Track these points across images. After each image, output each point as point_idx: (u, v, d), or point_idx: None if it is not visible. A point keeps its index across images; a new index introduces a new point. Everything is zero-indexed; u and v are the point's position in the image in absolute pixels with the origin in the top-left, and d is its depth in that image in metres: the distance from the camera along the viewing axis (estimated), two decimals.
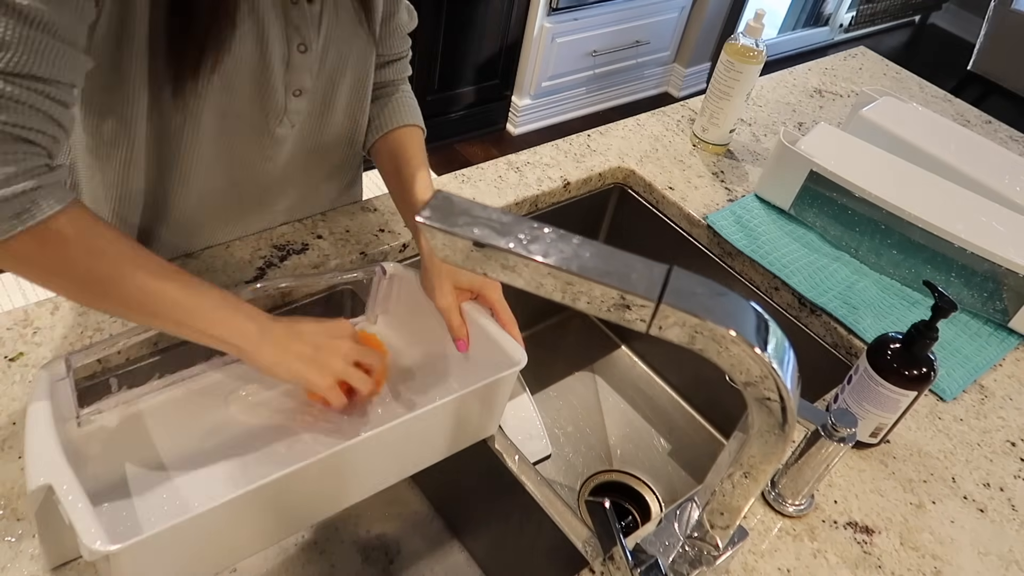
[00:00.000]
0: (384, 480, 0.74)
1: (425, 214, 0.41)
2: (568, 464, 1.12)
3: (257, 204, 0.90)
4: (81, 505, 0.54)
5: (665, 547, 0.66)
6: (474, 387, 0.71)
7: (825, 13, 4.12)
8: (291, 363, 0.68)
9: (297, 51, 0.76)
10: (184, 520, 0.55)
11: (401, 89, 0.94)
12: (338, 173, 0.96)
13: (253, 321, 0.67)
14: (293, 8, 0.74)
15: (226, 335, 0.65)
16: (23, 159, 0.57)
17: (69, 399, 0.68)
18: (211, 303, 0.65)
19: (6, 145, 0.56)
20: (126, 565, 0.55)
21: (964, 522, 0.81)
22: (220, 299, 0.66)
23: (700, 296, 0.40)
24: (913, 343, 0.78)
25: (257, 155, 0.83)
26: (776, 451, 0.49)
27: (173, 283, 0.64)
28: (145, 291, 0.62)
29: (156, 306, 0.63)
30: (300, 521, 0.70)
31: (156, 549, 0.56)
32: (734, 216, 1.13)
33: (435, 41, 2.49)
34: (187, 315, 0.64)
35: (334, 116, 0.87)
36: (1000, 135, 1.52)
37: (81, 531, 0.53)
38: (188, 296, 0.64)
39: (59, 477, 0.56)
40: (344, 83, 0.85)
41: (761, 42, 1.18)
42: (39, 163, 0.58)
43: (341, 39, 0.80)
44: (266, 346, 0.67)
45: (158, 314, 0.64)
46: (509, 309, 0.80)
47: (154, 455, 0.71)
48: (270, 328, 0.68)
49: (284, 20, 0.74)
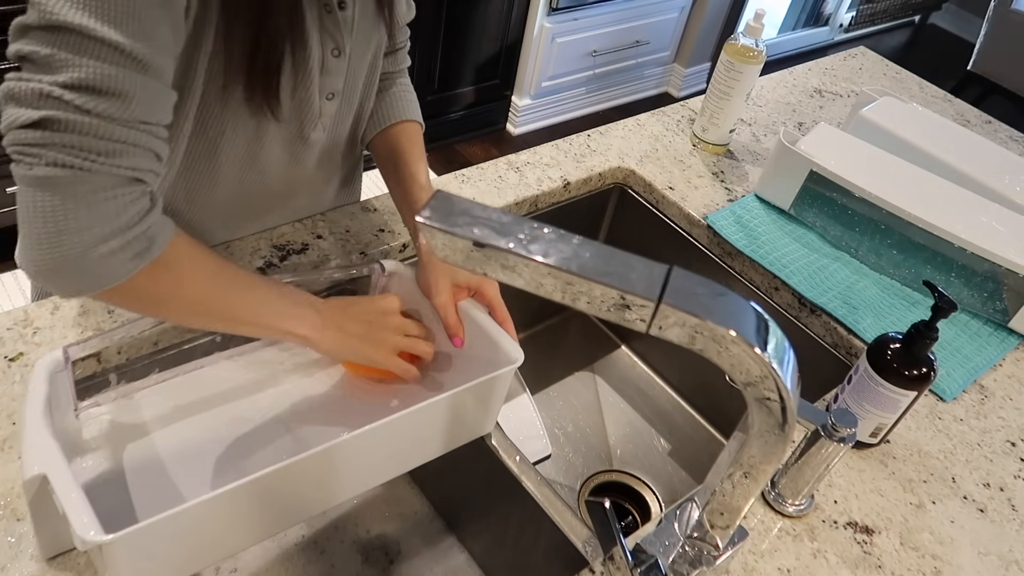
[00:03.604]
0: (380, 476, 0.74)
1: (425, 214, 0.41)
2: (568, 464, 1.12)
3: (278, 207, 0.91)
4: (74, 495, 0.54)
5: (665, 547, 0.66)
6: (470, 384, 0.71)
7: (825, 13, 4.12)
8: (351, 343, 0.73)
9: (331, 56, 0.77)
10: (178, 511, 0.55)
11: (399, 82, 0.94)
12: (344, 169, 0.96)
13: (314, 309, 0.72)
14: (327, 16, 0.74)
15: (295, 327, 0.70)
16: (139, 199, 0.59)
17: (67, 391, 0.68)
18: (280, 301, 0.70)
19: (124, 187, 0.58)
20: (120, 555, 0.55)
21: (964, 522, 0.81)
22: (286, 295, 0.71)
23: (700, 296, 0.40)
24: (913, 343, 0.78)
25: (289, 160, 0.84)
26: (776, 451, 0.49)
27: (255, 292, 0.69)
28: (234, 304, 0.68)
29: (242, 316, 0.68)
30: (296, 515, 0.70)
31: (150, 540, 0.56)
32: (734, 216, 1.13)
33: (435, 41, 2.49)
34: (260, 315, 0.69)
35: (352, 115, 0.87)
36: (1000, 135, 1.52)
37: (74, 521, 0.53)
38: (266, 300, 0.69)
39: (54, 467, 0.56)
40: (362, 80, 0.85)
41: (761, 42, 1.18)
42: (147, 199, 0.61)
43: (363, 38, 0.81)
44: (329, 331, 0.72)
45: (245, 322, 0.69)
46: (505, 307, 0.80)
47: (152, 448, 0.71)
48: (329, 314, 0.72)
49: (320, 26, 0.74)
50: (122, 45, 0.54)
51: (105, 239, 0.57)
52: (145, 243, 0.60)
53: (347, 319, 0.73)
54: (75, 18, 0.52)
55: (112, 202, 0.57)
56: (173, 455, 0.71)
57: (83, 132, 0.55)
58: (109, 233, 0.57)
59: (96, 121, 0.55)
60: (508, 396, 1.13)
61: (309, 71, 0.75)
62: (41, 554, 0.63)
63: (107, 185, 0.57)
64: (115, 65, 0.55)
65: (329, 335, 0.72)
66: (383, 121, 0.91)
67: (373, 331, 0.75)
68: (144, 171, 0.60)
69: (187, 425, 0.74)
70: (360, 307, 0.76)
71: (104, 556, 0.55)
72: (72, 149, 0.55)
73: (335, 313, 0.73)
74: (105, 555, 0.55)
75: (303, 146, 0.83)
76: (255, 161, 0.80)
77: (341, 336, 0.72)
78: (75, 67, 0.53)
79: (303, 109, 0.79)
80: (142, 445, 0.71)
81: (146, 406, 0.74)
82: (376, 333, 0.75)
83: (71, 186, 0.56)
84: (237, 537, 0.65)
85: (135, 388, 0.74)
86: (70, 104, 0.54)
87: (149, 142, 0.59)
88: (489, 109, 2.88)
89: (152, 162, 0.61)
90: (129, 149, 0.58)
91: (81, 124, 0.54)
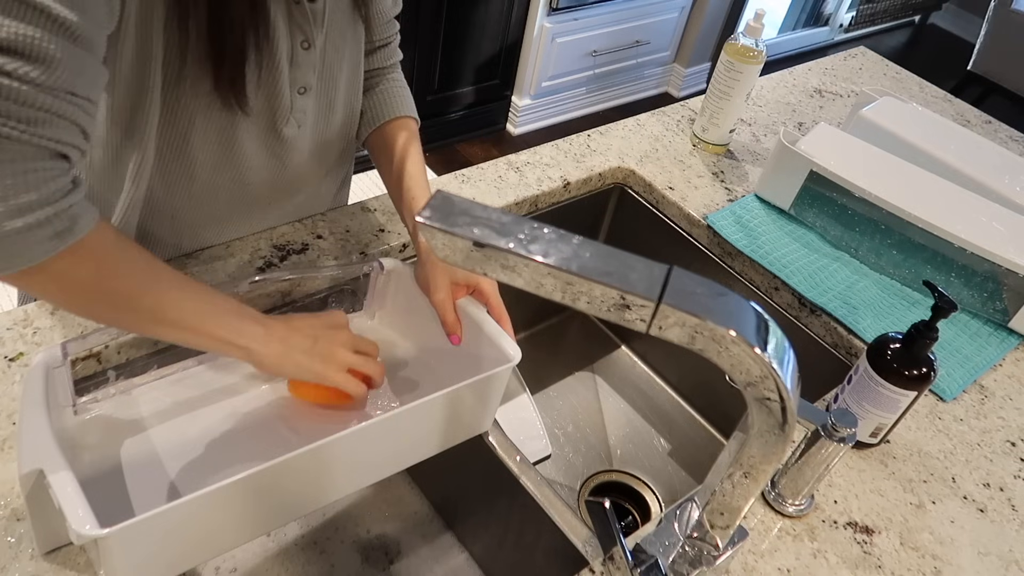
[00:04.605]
0: (377, 473, 0.74)
1: (425, 214, 0.41)
2: (568, 464, 1.12)
3: (265, 206, 0.91)
4: (70, 489, 0.54)
5: (665, 547, 0.66)
6: (467, 382, 0.71)
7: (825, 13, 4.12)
8: (295, 357, 0.69)
9: (301, 48, 0.77)
10: (173, 506, 0.55)
11: (390, 77, 0.94)
12: (336, 168, 0.96)
13: (258, 323, 0.68)
14: (295, 7, 0.74)
15: (234, 338, 0.66)
16: (60, 175, 0.56)
17: (66, 387, 0.68)
18: (220, 309, 0.66)
19: (46, 161, 0.55)
20: (115, 550, 0.55)
21: (964, 522, 0.81)
22: (227, 305, 0.67)
23: (700, 296, 0.40)
24: (913, 343, 0.78)
25: (266, 156, 0.83)
26: (776, 451, 0.49)
27: (186, 293, 0.65)
28: (163, 303, 0.63)
29: (171, 317, 0.64)
30: (293, 511, 0.70)
31: (145, 534, 0.56)
32: (734, 216, 1.13)
33: (435, 41, 2.49)
34: (199, 323, 0.65)
35: (335, 111, 0.87)
36: (1000, 135, 1.52)
37: (70, 515, 0.53)
38: (200, 304, 0.65)
39: (50, 462, 0.56)
40: (342, 76, 0.85)
41: (761, 42, 1.18)
42: (70, 178, 0.58)
43: (338, 32, 0.81)
44: (272, 344, 0.68)
45: (174, 324, 0.64)
46: (503, 305, 0.80)
47: (149, 444, 0.71)
48: (273, 327, 0.68)
49: (288, 17, 0.74)
50: (50, 8, 0.52)
51: (22, 212, 0.53)
52: (67, 222, 0.56)
53: (292, 332, 0.69)
54: None
55: (32, 175, 0.54)
56: (170, 451, 0.71)
57: (2, 96, 0.51)
58: (25, 206, 0.54)
59: (16, 84, 0.51)
60: (508, 396, 1.13)
61: (277, 63, 0.74)
62: (38, 548, 0.63)
63: (27, 155, 0.54)
64: (41, 28, 0.52)
65: (272, 348, 0.67)
66: (377, 119, 0.91)
67: (320, 345, 0.70)
68: (67, 145, 0.56)
69: (185, 421, 0.74)
70: (305, 321, 0.72)
71: (100, 551, 0.55)
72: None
73: (279, 326, 0.69)
74: (101, 550, 0.55)
75: (278, 141, 0.82)
76: (230, 155, 0.80)
77: (284, 349, 0.68)
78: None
79: (273, 102, 0.78)
80: (139, 441, 0.71)
81: (144, 402, 0.74)
82: (323, 347, 0.70)
83: None
84: (233, 533, 0.65)
85: (133, 384, 0.74)
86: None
87: (75, 114, 0.56)
88: (489, 109, 2.88)
89: (76, 137, 0.57)
90: (52, 119, 0.54)
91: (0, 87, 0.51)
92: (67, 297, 0.62)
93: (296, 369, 0.69)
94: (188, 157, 0.78)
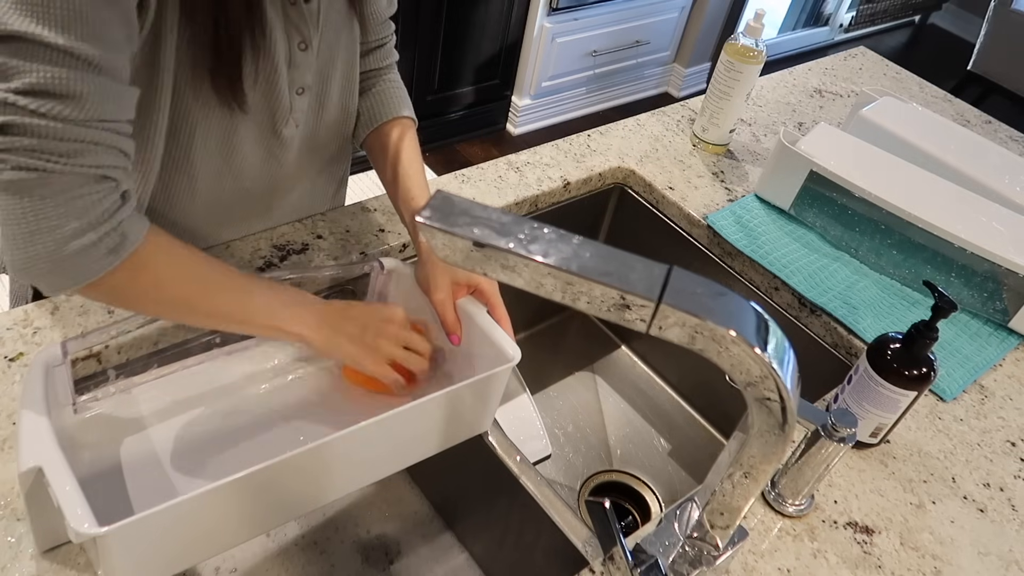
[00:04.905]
0: (377, 472, 0.74)
1: (425, 214, 0.41)
2: (568, 464, 1.12)
3: (264, 207, 0.91)
4: (69, 487, 0.55)
5: (665, 547, 0.66)
6: (467, 382, 0.71)
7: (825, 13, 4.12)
8: (341, 343, 0.73)
9: (298, 49, 0.77)
10: (171, 505, 0.55)
11: (387, 78, 0.94)
12: (332, 168, 0.96)
13: (309, 307, 0.72)
14: (291, 8, 0.74)
15: (288, 325, 0.70)
16: (108, 195, 0.61)
17: (65, 385, 0.68)
18: (272, 301, 0.70)
19: (91, 186, 0.60)
20: (113, 548, 0.55)
21: (964, 522, 0.81)
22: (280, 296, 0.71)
23: (700, 296, 0.40)
24: (913, 343, 0.78)
25: (265, 157, 0.84)
26: (776, 451, 0.49)
27: (242, 288, 0.70)
28: (221, 301, 0.68)
29: (230, 312, 0.69)
30: (292, 510, 0.70)
31: (144, 533, 0.56)
32: (734, 216, 1.13)
33: (435, 41, 2.49)
34: (254, 314, 0.70)
35: (329, 111, 0.87)
36: (1000, 135, 1.52)
37: (69, 513, 0.53)
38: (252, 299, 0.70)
39: (49, 460, 0.56)
40: (335, 75, 0.85)
41: (761, 42, 1.18)
42: (118, 195, 0.62)
43: (333, 31, 0.81)
44: (324, 330, 0.72)
45: (231, 318, 0.69)
46: (503, 305, 0.81)
47: (149, 442, 0.71)
48: (326, 313, 0.73)
49: (284, 19, 0.74)
50: (70, 48, 0.55)
51: (76, 235, 0.59)
52: (117, 238, 0.61)
53: (344, 320, 0.73)
54: (22, 26, 0.54)
55: (80, 200, 0.59)
56: (170, 450, 0.71)
57: (41, 135, 0.56)
58: (79, 229, 0.59)
59: (52, 123, 0.56)
60: (508, 396, 1.13)
61: (275, 64, 0.75)
62: (37, 546, 0.63)
63: (74, 184, 0.59)
64: (65, 68, 0.56)
65: (323, 333, 0.72)
66: (374, 120, 0.91)
67: (367, 335, 0.74)
68: (110, 168, 0.61)
69: (184, 420, 0.74)
70: (360, 310, 0.75)
71: (99, 549, 0.56)
72: (34, 152, 0.57)
73: (332, 313, 0.73)
74: (100, 548, 0.55)
75: (277, 142, 0.83)
76: (231, 157, 0.80)
77: (333, 335, 0.72)
78: (26, 73, 0.55)
79: (273, 103, 0.78)
80: (139, 439, 0.71)
81: (144, 401, 0.74)
82: (371, 338, 0.74)
83: (38, 188, 0.57)
84: (233, 532, 0.65)
85: (133, 383, 0.74)
86: (25, 109, 0.55)
87: (112, 139, 0.60)
88: (489, 109, 2.88)
89: (118, 158, 0.62)
90: (90, 148, 0.59)
91: (38, 127, 0.56)
92: (135, 305, 0.67)
93: (341, 353, 0.74)
94: (190, 161, 0.78)
